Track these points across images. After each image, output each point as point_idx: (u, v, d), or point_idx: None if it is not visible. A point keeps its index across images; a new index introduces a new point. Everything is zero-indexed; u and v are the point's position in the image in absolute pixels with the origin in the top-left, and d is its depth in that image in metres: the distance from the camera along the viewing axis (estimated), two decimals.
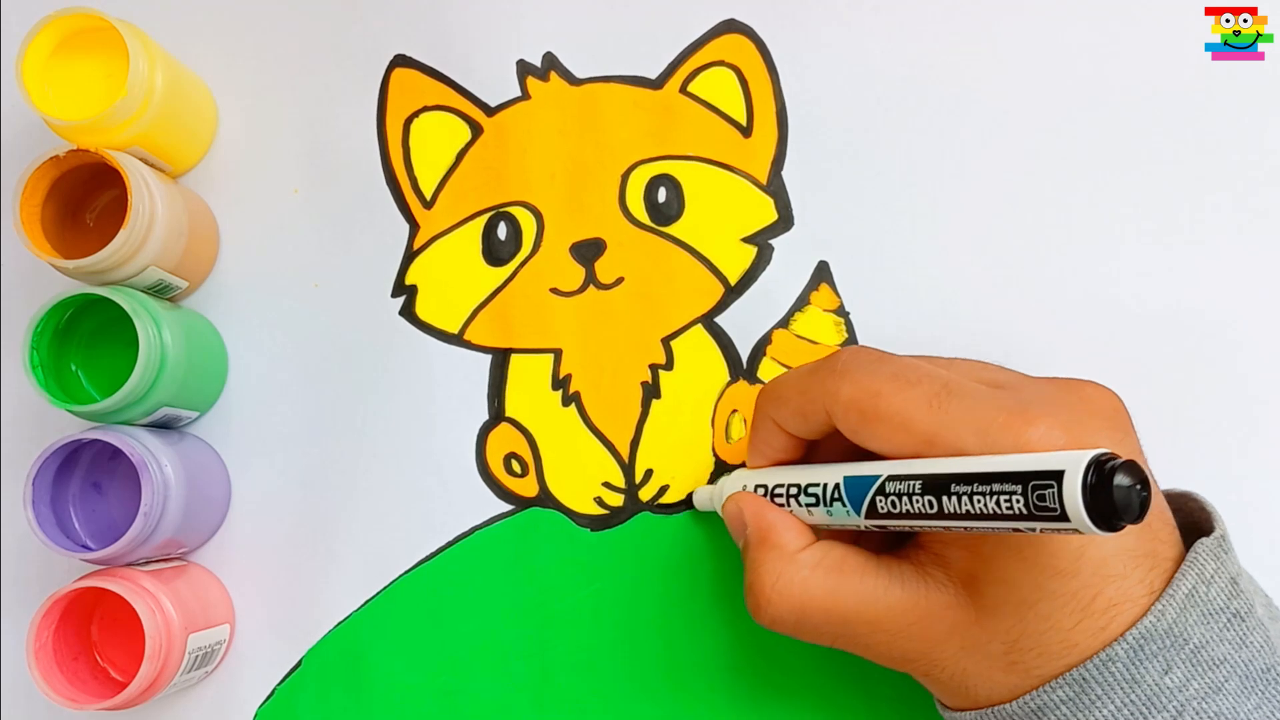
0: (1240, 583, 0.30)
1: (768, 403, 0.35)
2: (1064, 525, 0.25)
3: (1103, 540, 0.28)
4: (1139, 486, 0.24)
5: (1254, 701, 0.28)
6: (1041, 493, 0.25)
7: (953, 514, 0.27)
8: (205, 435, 0.42)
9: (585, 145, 0.42)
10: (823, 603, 0.31)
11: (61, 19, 0.38)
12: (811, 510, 0.33)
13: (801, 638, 0.33)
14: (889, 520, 0.30)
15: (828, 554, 0.32)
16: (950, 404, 0.29)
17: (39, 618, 0.36)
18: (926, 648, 0.31)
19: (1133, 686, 0.28)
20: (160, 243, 0.38)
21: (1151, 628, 0.28)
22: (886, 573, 0.31)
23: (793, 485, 0.34)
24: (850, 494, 0.31)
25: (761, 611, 0.32)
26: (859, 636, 0.31)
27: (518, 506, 0.41)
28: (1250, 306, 0.40)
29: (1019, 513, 0.25)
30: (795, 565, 0.32)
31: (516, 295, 0.41)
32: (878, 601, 0.31)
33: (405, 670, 0.40)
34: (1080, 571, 0.28)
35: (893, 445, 0.30)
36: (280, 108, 0.43)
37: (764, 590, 0.32)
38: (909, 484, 0.29)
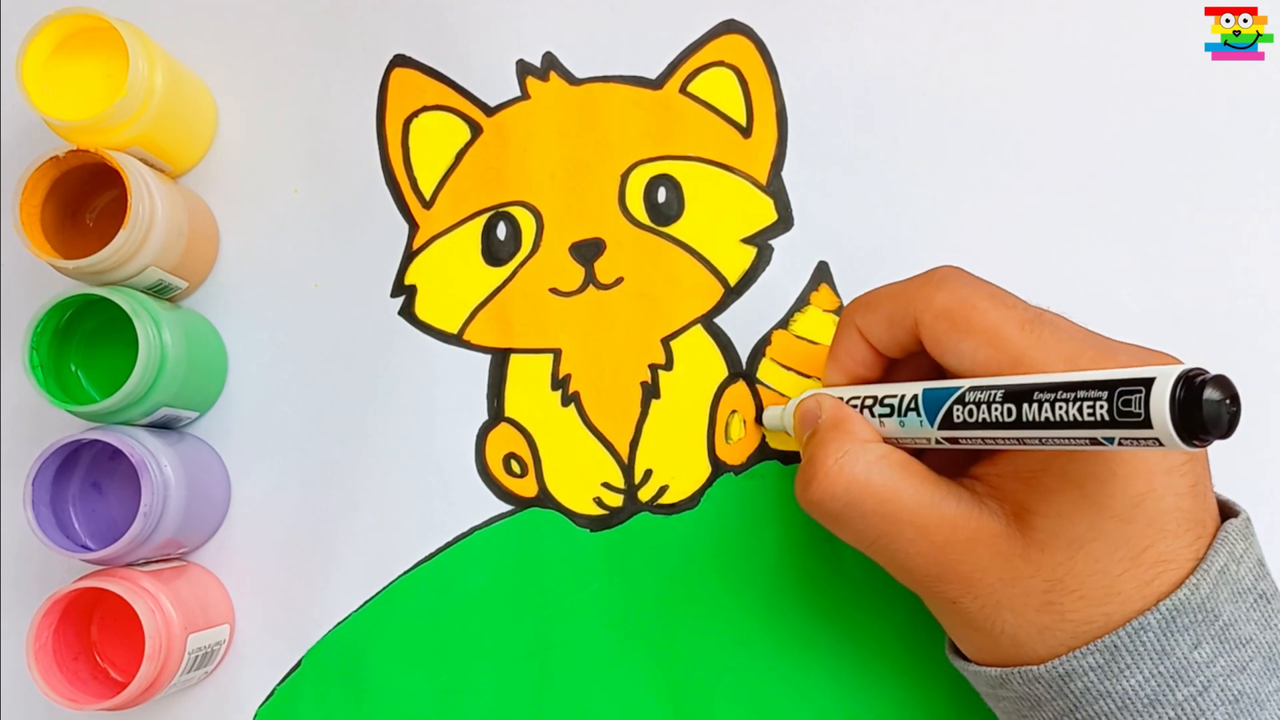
0: (1265, 565, 0.30)
1: (856, 310, 0.34)
2: (1146, 434, 0.24)
3: (1162, 494, 0.28)
4: (1229, 401, 0.24)
5: (1275, 684, 0.28)
6: (1128, 398, 0.24)
7: (1031, 422, 0.27)
8: (205, 435, 0.42)
9: (585, 145, 0.42)
10: (879, 492, 0.31)
11: (61, 19, 0.38)
12: (884, 421, 0.32)
13: (840, 527, 0.32)
14: (962, 430, 0.29)
15: (894, 452, 0.32)
16: (1043, 330, 0.30)
17: (39, 618, 0.36)
18: (968, 569, 0.30)
19: (1162, 658, 0.28)
20: (160, 243, 0.38)
21: (1185, 600, 0.28)
22: (945, 487, 0.31)
23: (869, 396, 0.33)
24: (927, 403, 0.30)
25: (814, 487, 0.32)
26: (902, 540, 0.31)
27: (517, 507, 0.41)
28: (1250, 306, 0.40)
29: (1100, 419, 0.25)
30: (863, 450, 0.32)
31: (516, 295, 0.41)
32: (932, 508, 0.30)
33: (405, 670, 0.40)
34: (1136, 519, 0.28)
35: (978, 360, 0.30)
36: (280, 108, 0.43)
37: (825, 463, 0.32)
38: (990, 393, 0.28)
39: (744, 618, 0.40)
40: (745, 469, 0.40)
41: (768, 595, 0.40)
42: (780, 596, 0.40)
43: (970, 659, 0.33)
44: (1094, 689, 0.29)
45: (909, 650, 0.39)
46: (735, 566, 0.40)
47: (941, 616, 0.33)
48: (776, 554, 0.40)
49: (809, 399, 0.35)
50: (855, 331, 0.34)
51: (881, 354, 0.34)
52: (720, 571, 0.40)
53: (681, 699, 0.39)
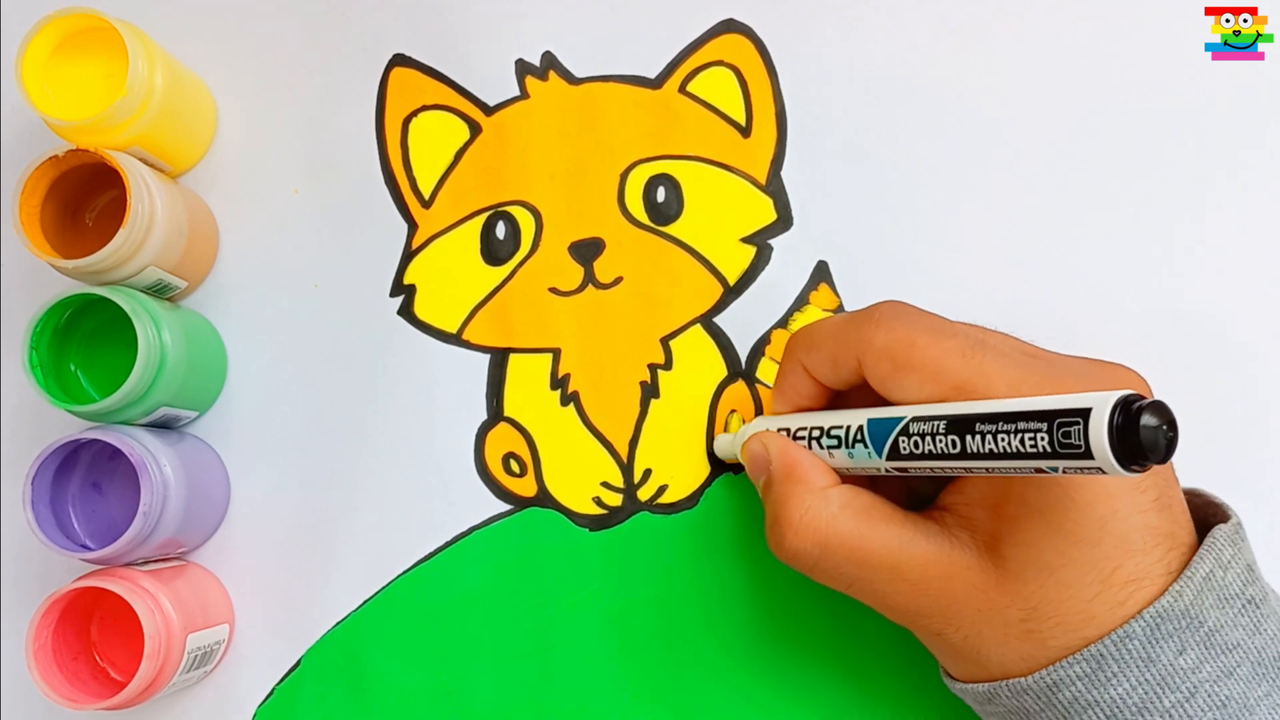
0: (1256, 570, 0.30)
1: (799, 347, 0.35)
2: (1088, 464, 0.24)
3: (1126, 513, 0.29)
4: (1165, 427, 0.24)
5: (1264, 689, 0.28)
6: (1067, 429, 0.24)
7: (975, 453, 0.27)
8: (205, 435, 0.42)
9: (584, 145, 0.42)
10: (847, 542, 0.31)
11: (61, 19, 0.38)
12: (833, 452, 0.32)
13: (817, 576, 0.32)
14: (910, 461, 0.29)
15: (856, 497, 0.32)
16: (984, 358, 0.30)
17: (38, 618, 0.36)
18: (944, 605, 0.30)
19: (1148, 665, 0.28)
20: (160, 243, 0.38)
21: (1169, 608, 0.28)
22: (912, 525, 0.31)
23: (815, 428, 0.33)
24: (873, 435, 0.31)
25: (785, 544, 0.32)
26: (877, 583, 0.31)
27: (516, 506, 0.41)
28: (1251, 306, 0.40)
29: (1043, 450, 0.25)
30: (824, 501, 0.32)
31: (515, 295, 0.41)
32: (902, 550, 0.31)
33: (404, 670, 0.40)
34: (1102, 541, 0.28)
35: (922, 394, 0.30)
36: (280, 108, 0.43)
37: (790, 523, 0.32)
38: (933, 424, 0.28)
39: (743, 617, 0.40)
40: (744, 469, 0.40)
41: (767, 595, 0.40)
42: (778, 596, 0.40)
43: (958, 679, 0.33)
44: (1082, 698, 0.29)
45: (905, 651, 0.39)
46: (734, 566, 0.40)
47: (929, 646, 0.33)
48: None
49: (753, 442, 0.35)
50: (800, 366, 0.35)
51: (826, 388, 0.35)
52: (719, 571, 0.40)
53: (681, 699, 0.39)
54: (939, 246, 0.41)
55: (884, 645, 0.39)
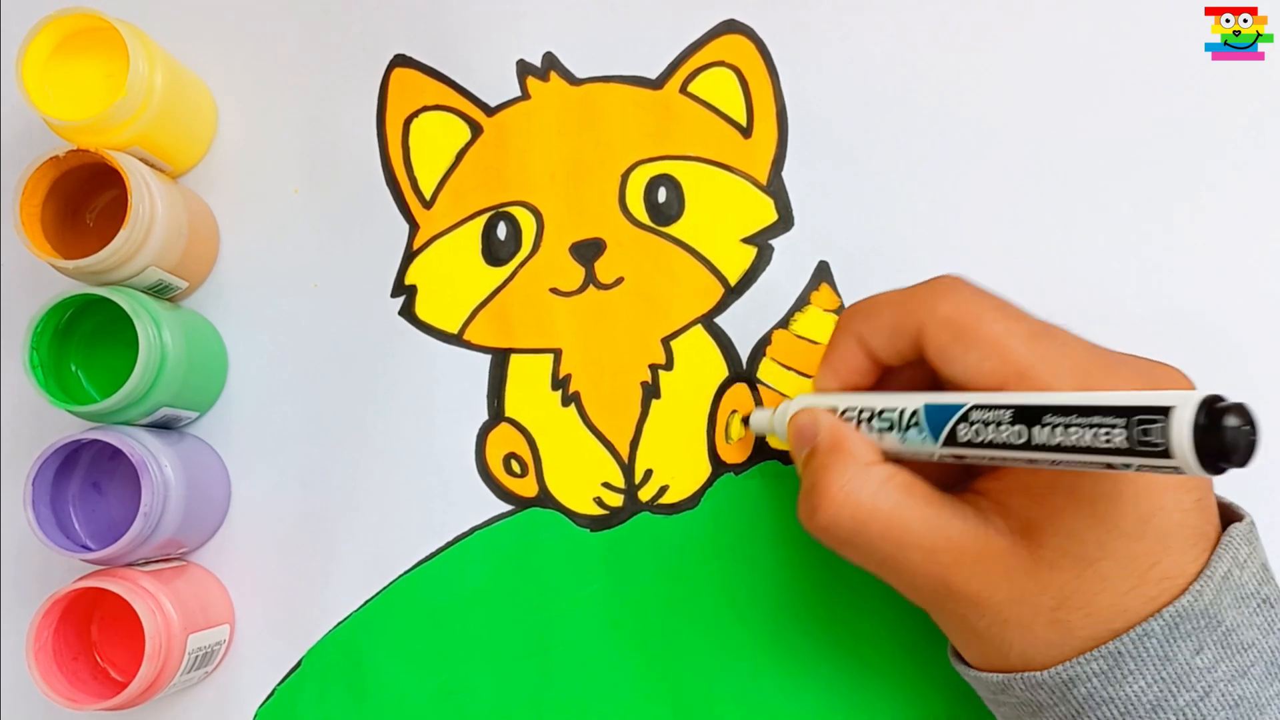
0: (1269, 569, 0.30)
1: (855, 317, 0.34)
2: (1165, 463, 0.24)
3: (1170, 511, 0.28)
4: (1248, 429, 0.24)
5: (1276, 688, 0.28)
6: (1147, 427, 0.24)
7: (1042, 445, 0.26)
8: (205, 435, 0.42)
9: (585, 145, 0.42)
10: (886, 519, 0.31)
11: (61, 19, 0.38)
12: (883, 435, 0.32)
13: (846, 551, 0.32)
14: (969, 449, 0.29)
15: (897, 474, 0.31)
16: (1050, 344, 0.29)
17: (39, 618, 0.36)
18: (976, 587, 0.30)
19: (1164, 664, 0.28)
20: (160, 243, 0.38)
21: (1188, 607, 0.28)
22: (950, 506, 0.31)
23: (866, 409, 0.33)
24: (931, 419, 0.30)
25: (818, 514, 0.31)
26: (909, 563, 0.31)
27: (517, 506, 0.41)
28: (1251, 306, 0.40)
29: (1118, 447, 0.25)
30: (867, 475, 0.31)
31: (516, 295, 0.41)
32: (939, 531, 0.30)
33: (405, 670, 0.40)
34: (1145, 536, 0.28)
35: (982, 372, 0.30)
36: (280, 108, 0.43)
37: (830, 493, 0.31)
38: (998, 413, 0.28)
39: (744, 618, 0.40)
40: (745, 469, 0.40)
41: (767, 595, 0.40)
42: (780, 596, 0.40)
43: (973, 665, 0.33)
44: (1097, 695, 0.29)
45: (908, 651, 0.39)
46: (735, 566, 0.40)
47: (948, 629, 0.33)
48: (776, 554, 0.40)
49: (803, 414, 0.34)
50: (854, 339, 0.34)
51: (878, 362, 0.34)
52: (720, 571, 0.40)
53: (681, 699, 0.39)
54: (939, 246, 0.41)
55: (886, 645, 0.39)
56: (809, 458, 0.33)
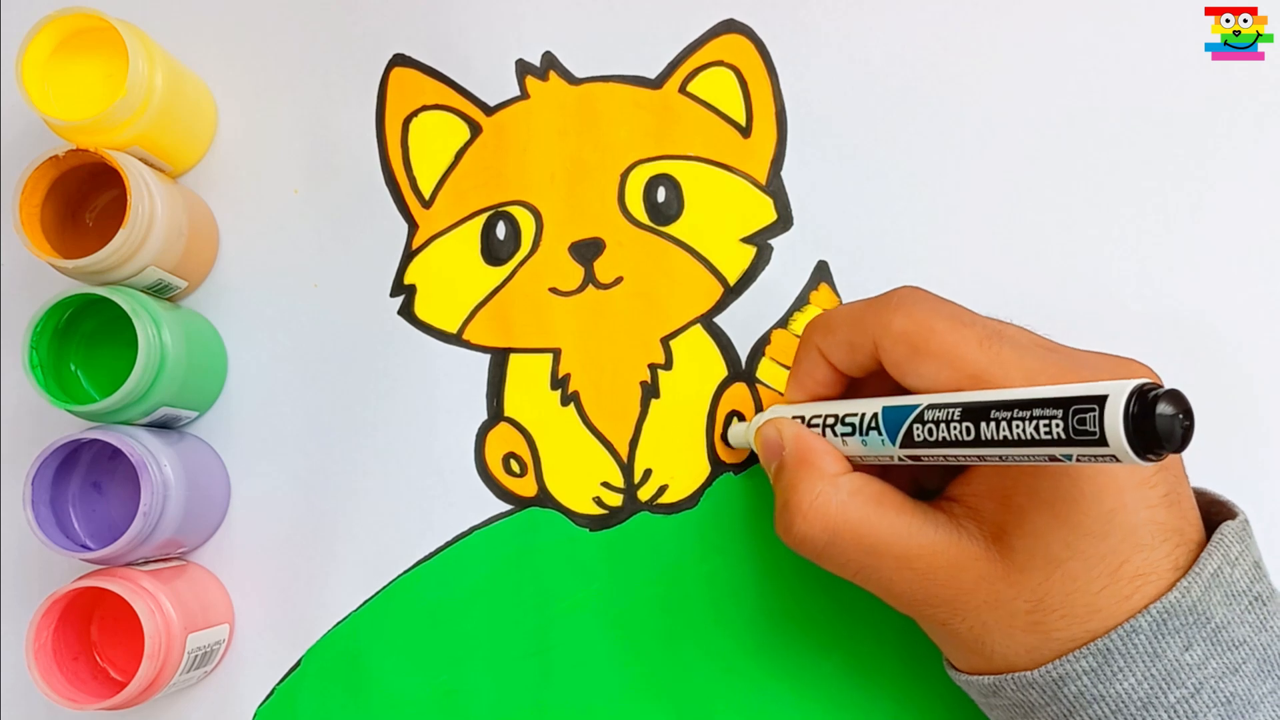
0: (1263, 568, 0.30)
1: (815, 332, 0.35)
2: (1102, 451, 0.24)
3: (1135, 508, 0.29)
4: (1181, 416, 0.24)
5: (1269, 685, 0.28)
6: (1082, 416, 0.25)
7: (990, 440, 0.27)
8: (205, 435, 0.42)
9: (584, 145, 0.42)
10: (857, 529, 0.31)
11: (61, 19, 0.38)
12: (846, 440, 0.33)
13: (824, 563, 0.32)
14: (924, 449, 0.30)
15: (867, 484, 0.32)
16: (1002, 347, 0.30)
17: (38, 618, 0.36)
18: (951, 594, 0.30)
19: (1153, 660, 0.28)
20: (160, 243, 0.38)
21: (1176, 603, 0.28)
22: (921, 514, 0.31)
23: (829, 415, 0.33)
24: (887, 422, 0.31)
25: (794, 529, 0.32)
26: (884, 571, 0.31)
27: (516, 506, 0.41)
28: (1251, 306, 0.40)
29: (1057, 438, 0.25)
30: (835, 487, 0.32)
31: (515, 295, 0.41)
32: (910, 539, 0.31)
33: (404, 670, 0.40)
34: (1110, 535, 0.29)
35: (938, 381, 0.30)
36: (280, 108, 0.43)
37: (800, 508, 0.32)
38: (948, 411, 0.29)
39: (743, 617, 0.40)
40: (745, 468, 0.40)
41: (767, 595, 0.40)
42: (779, 596, 0.40)
43: (963, 670, 0.33)
44: (1088, 693, 0.29)
45: (907, 651, 0.39)
46: (734, 565, 0.40)
47: (934, 636, 0.33)
48: (776, 553, 0.40)
49: (767, 426, 0.35)
50: (816, 352, 0.34)
51: (841, 375, 0.34)
52: (719, 570, 0.40)
53: (681, 699, 0.39)
54: (939, 246, 0.41)
55: (885, 644, 0.39)
56: (778, 472, 0.34)
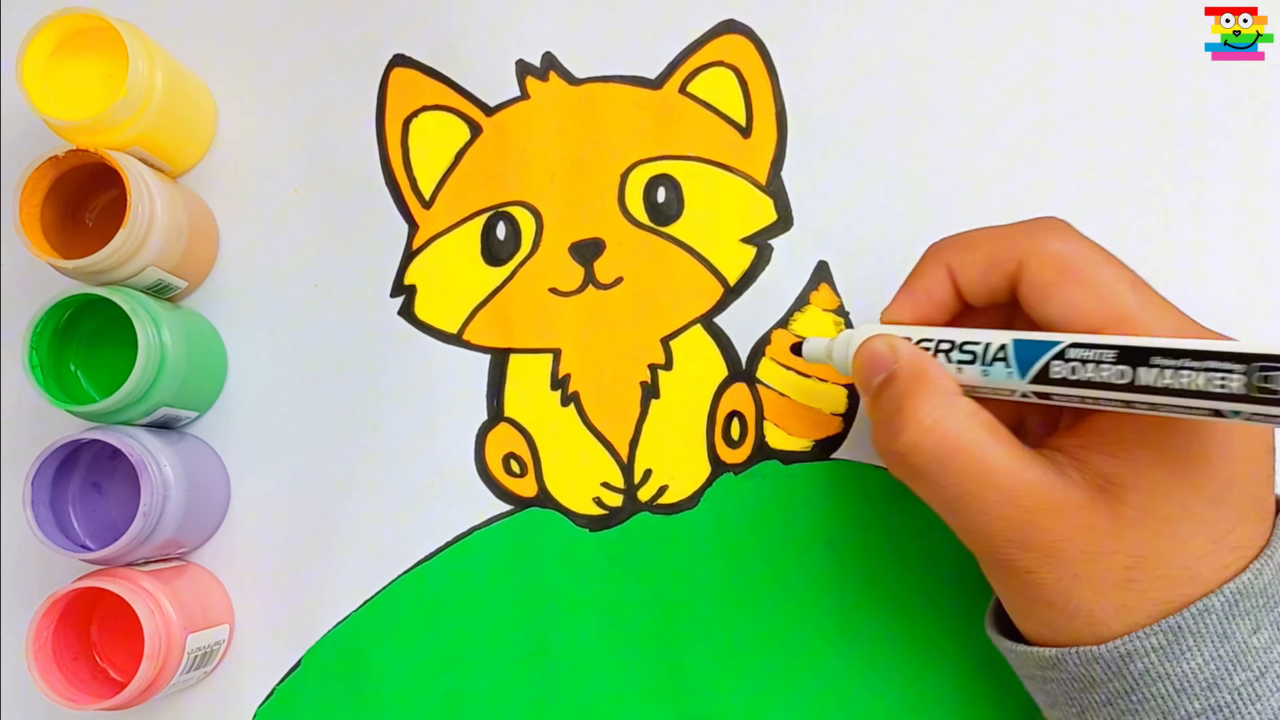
0: None
1: (950, 247, 0.33)
2: (1275, 411, 0.24)
3: (1250, 480, 0.28)
4: None
5: None
6: (1269, 374, 0.24)
7: (1146, 387, 0.26)
8: (205, 435, 0.42)
9: (584, 145, 0.42)
10: (970, 450, 0.30)
11: (61, 19, 0.38)
12: (963, 368, 0.31)
13: (923, 482, 0.31)
14: (1060, 387, 0.28)
15: (982, 411, 0.30)
16: (1153, 296, 0.29)
17: (38, 618, 0.36)
18: (1049, 539, 0.29)
19: (1222, 641, 0.28)
20: (160, 243, 0.38)
21: (1249, 585, 0.28)
22: (1030, 454, 0.30)
23: (945, 340, 0.32)
24: (1020, 354, 0.29)
25: (903, 438, 0.30)
26: (986, 502, 0.30)
27: (516, 506, 0.41)
28: (1250, 306, 0.40)
29: (1234, 393, 0.24)
30: (954, 406, 0.30)
31: (515, 295, 0.41)
32: (1020, 474, 0.29)
33: (404, 670, 0.40)
34: (1225, 502, 0.28)
35: (1084, 312, 0.29)
36: (280, 108, 0.43)
37: (917, 418, 0.30)
38: (1099, 352, 0.27)
39: (743, 617, 0.40)
40: (745, 469, 0.40)
41: (767, 595, 0.40)
42: (779, 596, 0.40)
43: (1024, 638, 0.32)
44: (1154, 670, 0.28)
45: (909, 650, 0.39)
46: (735, 566, 0.40)
47: (1010, 590, 0.31)
48: (776, 554, 0.40)
49: (878, 339, 0.33)
50: (943, 269, 0.33)
51: (961, 299, 0.33)
52: (720, 571, 0.40)
53: (682, 699, 0.39)
54: None
55: (887, 644, 0.39)
56: (886, 384, 0.32)
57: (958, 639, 0.38)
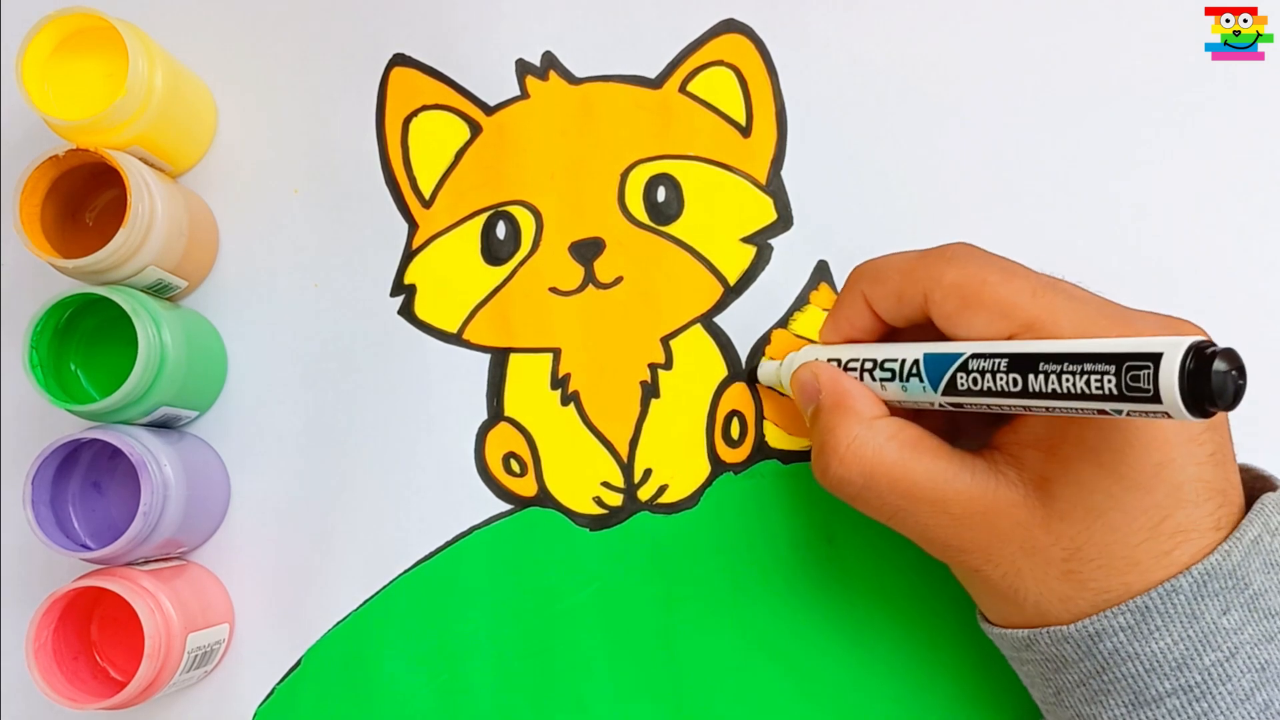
0: None
1: (863, 278, 0.34)
2: (1154, 408, 0.24)
3: (1182, 464, 0.29)
4: (1235, 373, 0.24)
5: None
6: (1136, 373, 0.24)
7: (1037, 393, 0.27)
8: (205, 435, 0.42)
9: (584, 144, 0.42)
10: (892, 472, 0.31)
11: (61, 19, 0.38)
12: (885, 385, 0.32)
13: (859, 506, 0.33)
14: (966, 398, 0.30)
15: (903, 429, 0.32)
16: (1055, 298, 0.30)
17: (39, 617, 0.36)
18: (987, 540, 0.30)
19: (1191, 622, 0.28)
20: (160, 242, 0.38)
21: (1216, 566, 0.28)
22: (959, 460, 0.31)
23: (868, 359, 0.33)
24: (930, 369, 0.31)
25: (830, 471, 0.32)
26: (920, 515, 0.31)
27: (516, 506, 0.41)
28: (1251, 306, 0.40)
29: (1109, 393, 0.25)
30: (872, 431, 0.32)
31: (515, 294, 0.41)
32: (947, 484, 0.31)
33: (404, 670, 0.40)
34: (1155, 489, 0.29)
35: (988, 333, 0.30)
36: (280, 108, 0.43)
37: (837, 450, 0.32)
38: (994, 361, 0.28)
39: (743, 617, 0.40)
40: (745, 468, 0.40)
41: (767, 594, 0.40)
42: (779, 596, 0.40)
43: (996, 623, 0.33)
44: (1123, 650, 0.29)
45: (908, 650, 0.39)
46: (735, 566, 0.40)
47: (966, 584, 0.33)
48: (776, 553, 0.40)
49: (803, 370, 0.35)
50: (861, 299, 0.34)
51: (883, 324, 0.34)
52: (720, 571, 0.40)
53: (682, 699, 0.39)
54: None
55: (885, 643, 0.39)
56: (815, 415, 0.34)
57: (957, 638, 0.38)
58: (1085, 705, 0.30)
